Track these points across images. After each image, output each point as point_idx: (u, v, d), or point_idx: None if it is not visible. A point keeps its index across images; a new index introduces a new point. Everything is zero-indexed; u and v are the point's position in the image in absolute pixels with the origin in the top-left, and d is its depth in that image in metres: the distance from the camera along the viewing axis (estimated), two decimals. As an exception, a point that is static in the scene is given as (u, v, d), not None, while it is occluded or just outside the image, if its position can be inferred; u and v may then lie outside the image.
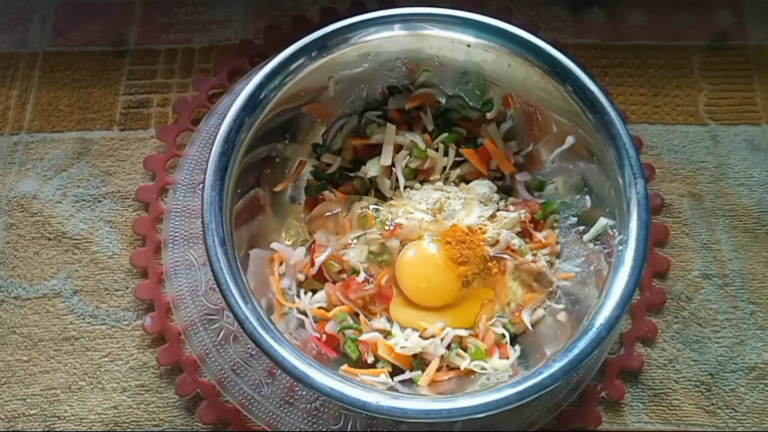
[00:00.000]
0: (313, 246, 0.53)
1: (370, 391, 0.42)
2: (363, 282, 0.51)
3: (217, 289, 0.53)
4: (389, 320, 0.51)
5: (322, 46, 0.50)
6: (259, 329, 0.43)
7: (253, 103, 0.48)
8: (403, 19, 0.50)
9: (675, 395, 0.55)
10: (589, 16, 0.67)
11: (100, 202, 0.60)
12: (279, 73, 0.49)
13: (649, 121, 0.63)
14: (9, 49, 0.66)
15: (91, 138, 0.63)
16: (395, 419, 0.50)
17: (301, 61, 0.49)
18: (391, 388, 0.46)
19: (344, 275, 0.52)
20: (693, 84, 0.65)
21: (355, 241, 0.52)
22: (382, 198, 0.55)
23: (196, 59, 0.65)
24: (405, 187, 0.55)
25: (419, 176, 0.56)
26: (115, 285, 0.57)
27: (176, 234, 0.57)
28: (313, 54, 0.50)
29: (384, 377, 0.48)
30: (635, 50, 0.66)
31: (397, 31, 0.51)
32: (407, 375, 0.49)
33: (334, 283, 0.52)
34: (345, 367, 0.48)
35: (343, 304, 0.51)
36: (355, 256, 0.52)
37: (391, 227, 0.51)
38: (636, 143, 0.47)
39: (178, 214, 0.57)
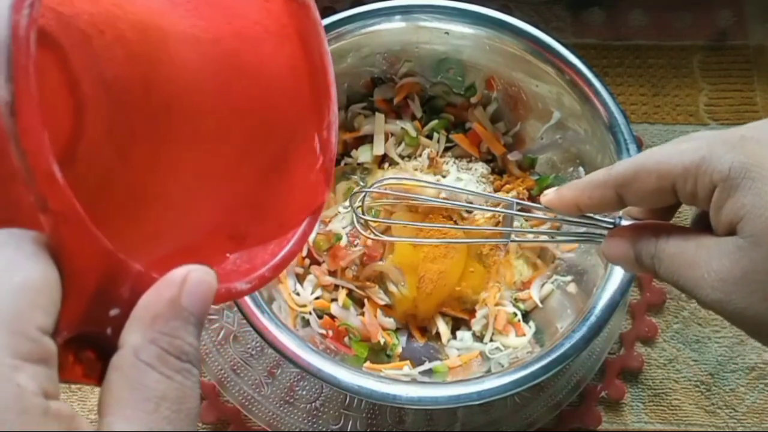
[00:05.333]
0: None
1: (398, 384, 0.42)
2: (347, 246, 0.51)
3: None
4: (386, 292, 0.51)
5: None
6: (284, 340, 0.42)
7: None
8: (401, 11, 0.50)
9: (675, 395, 0.55)
10: (589, 16, 0.67)
11: (100, 202, 0.60)
12: None
13: (649, 121, 0.63)
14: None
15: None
16: (425, 408, 0.50)
17: None
18: (413, 380, 0.46)
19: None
20: (693, 84, 0.65)
21: (341, 210, 0.53)
22: None
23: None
24: None
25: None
26: (115, 285, 0.57)
27: (176, 234, 0.57)
28: None
29: (408, 369, 0.48)
30: (635, 50, 0.66)
31: (383, 25, 0.50)
32: (426, 366, 0.49)
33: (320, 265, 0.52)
34: (368, 363, 0.48)
35: (335, 287, 0.51)
36: (338, 224, 0.52)
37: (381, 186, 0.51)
38: (624, 113, 0.47)
39: (178, 214, 0.57)
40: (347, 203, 0.53)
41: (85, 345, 0.21)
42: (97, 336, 0.21)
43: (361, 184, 0.54)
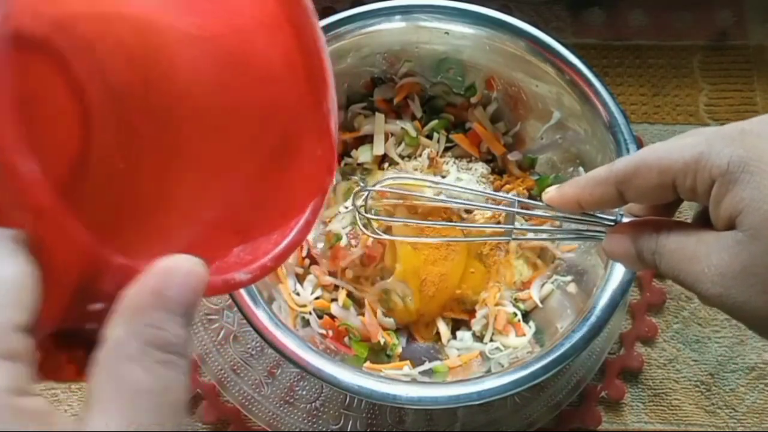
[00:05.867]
0: None
1: (398, 384, 0.42)
2: (347, 247, 0.51)
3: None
4: (388, 302, 0.51)
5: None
6: (284, 339, 0.42)
7: None
8: (401, 11, 0.50)
9: (675, 395, 0.55)
10: (589, 16, 0.67)
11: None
12: None
13: (649, 121, 0.63)
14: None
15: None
16: (424, 408, 0.50)
17: None
18: (413, 380, 0.46)
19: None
20: (693, 84, 0.65)
21: (342, 210, 0.53)
22: None
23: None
24: None
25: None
26: (115, 285, 0.57)
27: (176, 234, 0.57)
28: None
29: (407, 369, 0.48)
30: (635, 50, 0.66)
31: (383, 25, 0.50)
32: (426, 366, 0.49)
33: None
34: (368, 364, 0.48)
35: (334, 287, 0.51)
36: (338, 224, 0.52)
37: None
38: (624, 113, 0.47)
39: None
40: (348, 203, 0.53)
41: (75, 343, 0.21)
42: (84, 332, 0.21)
43: (361, 184, 0.54)
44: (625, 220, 0.34)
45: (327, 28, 0.49)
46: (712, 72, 0.65)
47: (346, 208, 0.53)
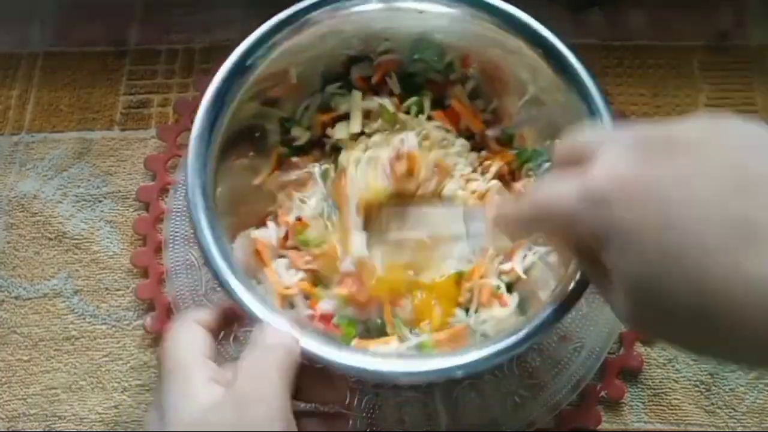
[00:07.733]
0: (277, 213, 0.53)
1: (385, 358, 0.41)
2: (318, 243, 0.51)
3: (218, 289, 0.53)
4: None
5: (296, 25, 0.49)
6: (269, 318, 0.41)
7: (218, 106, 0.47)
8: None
9: (675, 395, 0.55)
10: (589, 16, 0.67)
11: (100, 202, 0.60)
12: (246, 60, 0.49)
13: (649, 121, 0.63)
14: (9, 49, 0.66)
15: (92, 138, 0.63)
16: (416, 385, 0.51)
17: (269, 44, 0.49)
18: (401, 355, 0.46)
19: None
20: (693, 84, 0.65)
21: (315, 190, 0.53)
22: None
23: (196, 59, 0.66)
24: None
25: None
26: (116, 285, 0.57)
27: (177, 234, 0.57)
28: (280, 38, 0.49)
29: (395, 343, 0.47)
30: (635, 50, 0.66)
31: (359, 7, 0.50)
32: (413, 341, 0.48)
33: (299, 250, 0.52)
34: (357, 340, 0.47)
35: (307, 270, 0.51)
36: (311, 207, 0.52)
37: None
38: (596, 79, 0.47)
39: (179, 213, 0.57)
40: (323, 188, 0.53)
41: None
42: None
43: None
44: None
45: (303, 12, 0.49)
46: (712, 72, 0.65)
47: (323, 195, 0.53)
